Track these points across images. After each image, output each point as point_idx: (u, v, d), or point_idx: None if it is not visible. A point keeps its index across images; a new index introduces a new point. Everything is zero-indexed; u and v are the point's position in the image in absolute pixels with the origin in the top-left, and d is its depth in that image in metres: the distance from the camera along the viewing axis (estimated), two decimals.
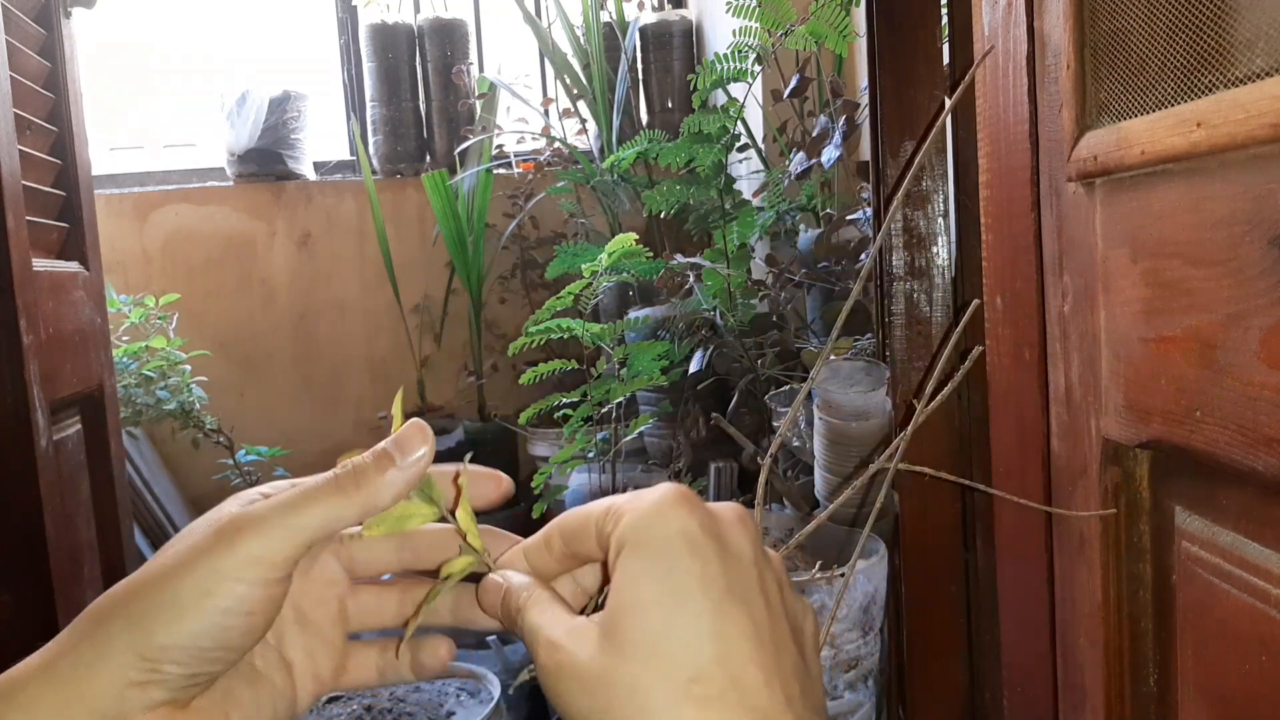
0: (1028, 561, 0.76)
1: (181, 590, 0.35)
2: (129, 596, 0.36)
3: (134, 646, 0.35)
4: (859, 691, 1.24)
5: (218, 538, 0.36)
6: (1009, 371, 0.77)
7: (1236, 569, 0.52)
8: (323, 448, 3.01)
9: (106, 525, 1.47)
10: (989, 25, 0.76)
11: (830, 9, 1.69)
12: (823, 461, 1.37)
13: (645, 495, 0.37)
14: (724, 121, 1.94)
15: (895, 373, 1.29)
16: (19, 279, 1.19)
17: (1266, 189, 0.47)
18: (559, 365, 1.98)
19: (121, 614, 0.35)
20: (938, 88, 1.27)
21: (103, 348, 1.54)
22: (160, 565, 0.36)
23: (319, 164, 3.18)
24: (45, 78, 1.43)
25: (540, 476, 2.08)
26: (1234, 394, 0.50)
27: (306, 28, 3.30)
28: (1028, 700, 0.78)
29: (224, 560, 0.35)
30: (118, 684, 0.35)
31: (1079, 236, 0.65)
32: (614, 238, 1.86)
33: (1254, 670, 0.51)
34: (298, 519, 0.37)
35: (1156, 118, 0.55)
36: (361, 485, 0.39)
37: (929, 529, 1.27)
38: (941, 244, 1.27)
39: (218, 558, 0.35)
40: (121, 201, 2.97)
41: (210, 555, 0.35)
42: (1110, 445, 0.63)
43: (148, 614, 0.35)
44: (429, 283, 3.07)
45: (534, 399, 2.05)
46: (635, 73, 3.08)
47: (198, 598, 0.35)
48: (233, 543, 0.36)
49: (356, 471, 0.39)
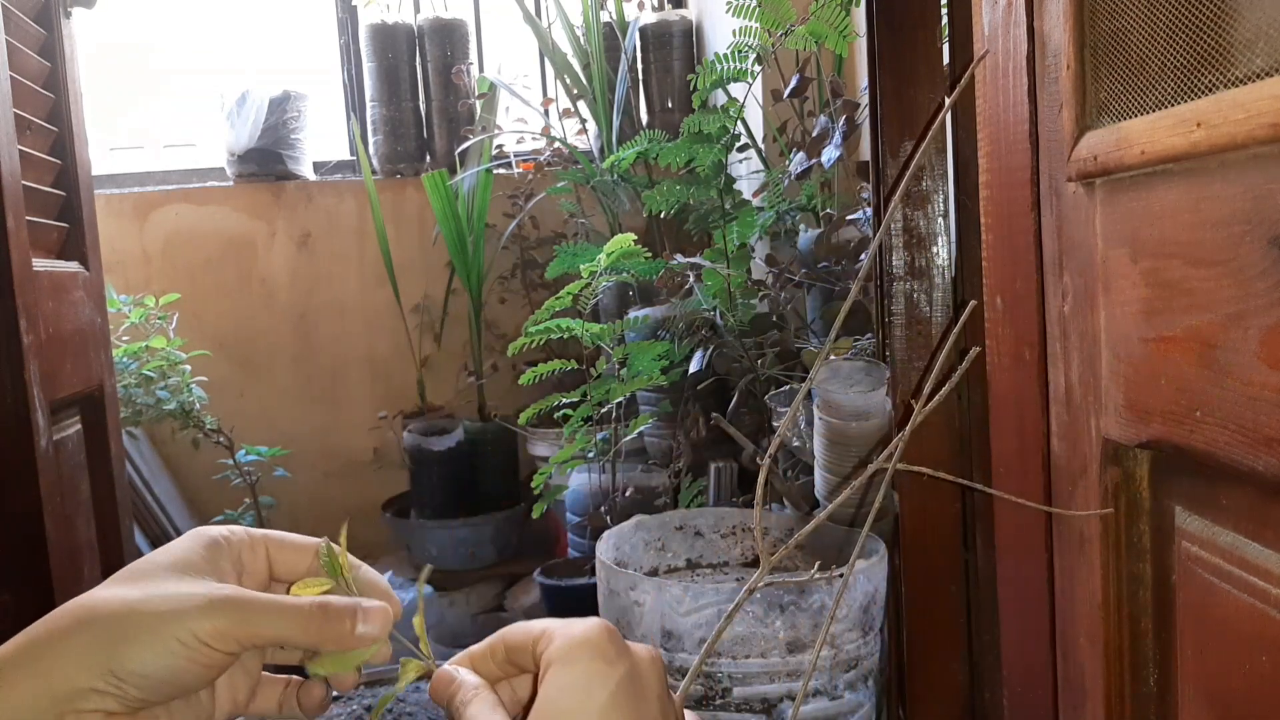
0: (1028, 561, 0.76)
1: (162, 633, 0.42)
2: (116, 616, 0.42)
3: (107, 663, 0.41)
4: (859, 691, 1.24)
5: (207, 609, 0.43)
6: (1009, 371, 0.77)
7: (1236, 569, 0.52)
8: (323, 448, 3.01)
9: (106, 525, 1.47)
10: (989, 25, 0.76)
11: (830, 9, 1.69)
12: (822, 461, 1.37)
13: (576, 625, 0.45)
14: (724, 121, 1.94)
15: (895, 373, 1.29)
16: (19, 279, 1.19)
17: (1266, 189, 0.47)
18: (559, 365, 1.98)
19: (103, 628, 0.42)
20: (938, 88, 1.27)
21: (103, 348, 1.54)
22: (148, 597, 0.43)
23: (319, 164, 3.18)
24: (45, 78, 1.43)
25: (540, 476, 2.08)
26: (1234, 394, 0.50)
27: (306, 28, 3.30)
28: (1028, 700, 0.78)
29: (200, 626, 0.42)
30: (82, 686, 0.41)
31: (1079, 236, 0.65)
32: (614, 238, 1.86)
33: (1254, 670, 0.51)
34: (271, 627, 0.44)
35: (1156, 118, 0.55)
36: (329, 633, 0.46)
37: (929, 529, 1.27)
38: (941, 244, 1.27)
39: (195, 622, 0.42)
40: (121, 201, 2.97)
41: (189, 619, 0.42)
42: (1110, 445, 0.63)
43: (126, 638, 0.41)
44: (429, 283, 3.07)
45: (534, 399, 2.05)
46: (635, 73, 3.08)
47: (173, 648, 0.42)
48: (211, 615, 0.43)
49: (330, 616, 0.46)
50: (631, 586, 1.20)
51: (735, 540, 1.51)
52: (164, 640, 0.41)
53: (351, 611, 0.46)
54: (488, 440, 2.87)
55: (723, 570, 1.50)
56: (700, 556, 1.50)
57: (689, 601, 1.16)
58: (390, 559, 2.86)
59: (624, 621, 1.22)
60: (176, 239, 3.01)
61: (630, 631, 1.21)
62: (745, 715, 1.16)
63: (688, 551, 1.49)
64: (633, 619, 1.20)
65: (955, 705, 1.29)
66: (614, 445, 2.01)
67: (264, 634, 0.44)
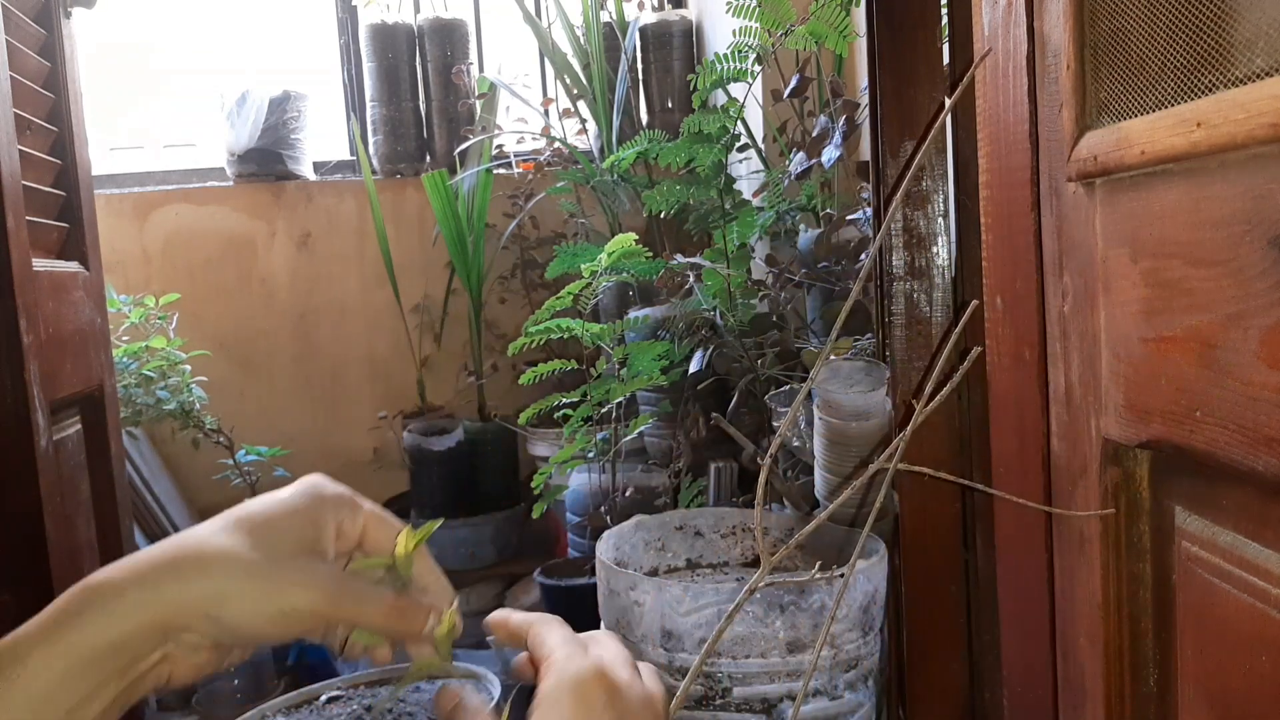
0: (1028, 561, 0.76)
1: (266, 602, 0.48)
2: (230, 573, 0.48)
3: (214, 611, 0.47)
4: (859, 691, 1.24)
5: (310, 590, 0.49)
6: (1009, 371, 0.77)
7: (1236, 569, 0.52)
8: (323, 448, 3.01)
9: (106, 525, 1.47)
10: (989, 25, 0.76)
11: (830, 9, 1.69)
12: (823, 461, 1.37)
13: (573, 664, 0.48)
14: (724, 121, 1.93)
15: (895, 373, 1.29)
16: (19, 279, 1.19)
17: (1266, 189, 0.47)
18: (559, 365, 1.98)
19: (218, 581, 0.47)
20: (938, 88, 1.27)
21: (103, 348, 1.54)
22: (261, 565, 0.48)
23: (319, 164, 3.18)
24: (45, 78, 1.43)
25: (540, 476, 2.08)
26: (1234, 394, 0.50)
27: (306, 28, 3.30)
28: (1028, 700, 0.78)
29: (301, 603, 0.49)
30: (186, 623, 0.47)
31: (1079, 236, 0.65)
32: (614, 238, 1.86)
33: (1254, 670, 0.51)
34: (358, 614, 0.50)
35: (1156, 118, 0.55)
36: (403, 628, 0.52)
37: (929, 529, 1.27)
38: (941, 244, 1.27)
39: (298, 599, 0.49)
40: (121, 201, 2.97)
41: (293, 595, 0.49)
42: (1110, 445, 0.63)
43: (235, 596, 0.47)
44: (429, 283, 3.07)
45: (534, 399, 2.05)
46: (635, 73, 3.08)
47: (272, 615, 0.48)
48: (312, 597, 0.49)
49: (407, 615, 0.52)
50: (631, 586, 1.20)
51: (735, 540, 1.51)
52: (266, 608, 0.47)
53: (425, 613, 0.53)
54: (488, 440, 2.87)
55: (723, 570, 1.50)
56: (700, 556, 1.50)
57: (689, 601, 1.16)
58: None
59: (624, 621, 1.22)
60: (176, 239, 3.01)
61: (630, 631, 1.21)
62: (745, 715, 1.16)
63: (688, 551, 1.50)
64: (633, 619, 1.20)
65: (955, 705, 1.29)
66: (614, 445, 2.01)
67: (351, 619, 0.50)
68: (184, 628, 0.46)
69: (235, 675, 2.08)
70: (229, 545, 0.48)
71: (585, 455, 2.07)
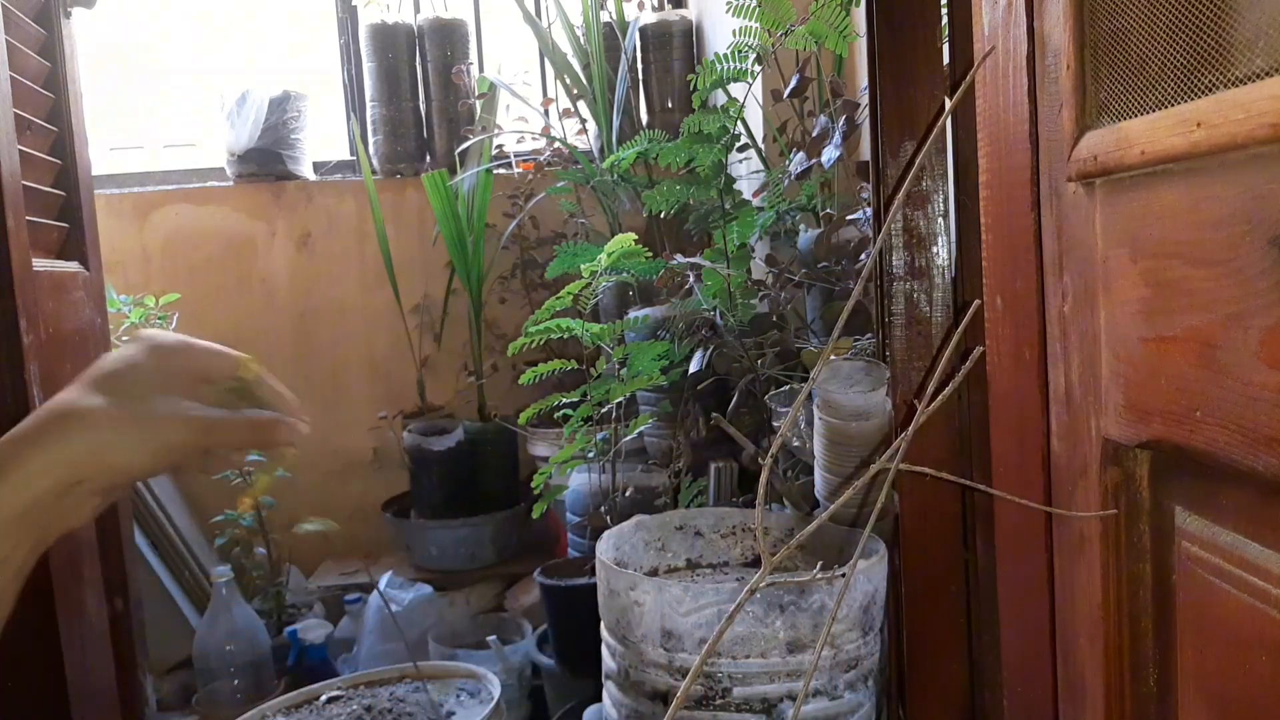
0: (1028, 561, 0.76)
1: (147, 444, 0.57)
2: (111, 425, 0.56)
3: (104, 459, 0.57)
4: (859, 691, 1.24)
5: (182, 427, 0.58)
6: (1009, 371, 0.77)
7: (1236, 569, 0.52)
8: (323, 448, 3.00)
9: (106, 525, 1.47)
10: (989, 25, 0.76)
11: (830, 9, 1.69)
12: (823, 461, 1.37)
13: None
14: (724, 121, 1.93)
15: (895, 373, 1.29)
16: (19, 279, 1.19)
17: (1266, 189, 0.47)
18: (559, 365, 1.98)
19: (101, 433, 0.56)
20: (938, 88, 1.27)
21: (103, 348, 1.54)
22: (134, 415, 0.57)
23: (319, 164, 3.18)
24: (45, 78, 1.43)
25: (540, 476, 2.08)
26: (1234, 394, 0.50)
27: (306, 27, 3.30)
28: (1028, 700, 0.78)
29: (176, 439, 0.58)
30: (81, 474, 0.56)
31: (1079, 236, 0.65)
32: (614, 238, 1.86)
33: (1254, 670, 0.51)
34: (228, 437, 0.60)
35: (1156, 118, 0.55)
36: (267, 438, 0.62)
37: (929, 529, 1.27)
38: (941, 244, 1.27)
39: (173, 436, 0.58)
40: (121, 201, 2.97)
41: (168, 433, 0.58)
42: (1110, 445, 0.63)
43: (118, 445, 0.56)
44: (429, 283, 3.07)
45: (534, 399, 2.05)
46: (635, 73, 3.08)
47: (155, 452, 0.58)
48: (185, 431, 0.58)
49: (267, 427, 0.62)
50: (631, 586, 1.20)
51: (735, 540, 1.51)
52: (150, 447, 0.56)
53: (281, 423, 0.62)
54: (488, 440, 2.86)
55: (723, 570, 1.50)
56: (700, 556, 1.50)
57: (689, 601, 1.16)
58: (390, 559, 2.86)
59: (624, 621, 1.22)
60: (176, 239, 3.01)
61: (630, 631, 1.21)
62: (745, 715, 1.16)
63: (688, 551, 1.50)
64: (633, 619, 1.20)
65: (955, 705, 1.29)
66: (614, 445, 2.01)
67: (221, 442, 0.60)
68: (83, 479, 0.55)
69: (235, 675, 2.08)
70: (99, 403, 0.56)
71: (585, 455, 2.06)
